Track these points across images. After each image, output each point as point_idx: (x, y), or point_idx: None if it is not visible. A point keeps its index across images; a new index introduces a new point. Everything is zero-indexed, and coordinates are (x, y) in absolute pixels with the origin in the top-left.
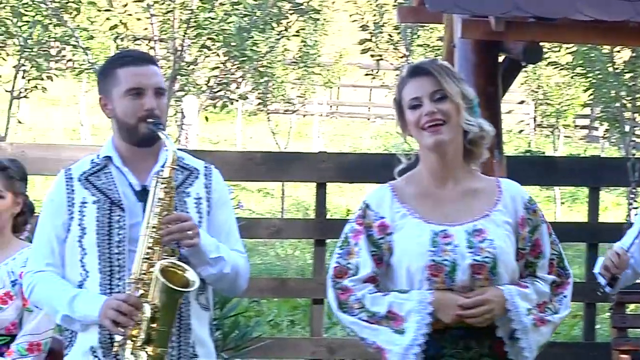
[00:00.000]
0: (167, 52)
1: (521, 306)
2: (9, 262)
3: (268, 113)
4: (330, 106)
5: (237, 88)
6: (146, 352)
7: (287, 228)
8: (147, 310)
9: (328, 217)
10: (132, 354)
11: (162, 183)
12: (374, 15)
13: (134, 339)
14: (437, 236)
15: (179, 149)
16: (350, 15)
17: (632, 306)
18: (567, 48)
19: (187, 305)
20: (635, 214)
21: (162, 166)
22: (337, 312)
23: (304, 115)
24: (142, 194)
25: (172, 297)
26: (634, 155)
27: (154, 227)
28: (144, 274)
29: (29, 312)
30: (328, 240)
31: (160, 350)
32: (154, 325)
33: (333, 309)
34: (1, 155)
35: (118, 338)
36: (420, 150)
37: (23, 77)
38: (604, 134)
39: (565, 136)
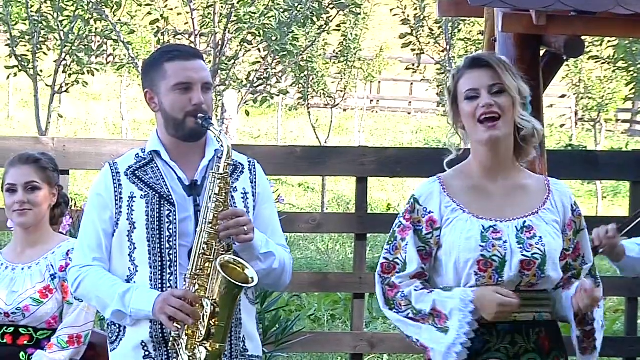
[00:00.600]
0: (208, 47)
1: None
2: (48, 256)
3: (308, 107)
4: (371, 100)
5: (277, 82)
6: (205, 347)
7: (328, 222)
8: (208, 306)
9: (369, 211)
10: (187, 349)
11: (217, 179)
12: (415, 9)
13: (191, 334)
14: (487, 231)
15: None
16: (391, 10)
17: None
18: (609, 42)
19: (238, 300)
20: None
21: (211, 161)
22: (384, 308)
23: (345, 110)
24: (192, 189)
25: (232, 292)
26: None
27: (210, 223)
28: (200, 269)
29: (69, 305)
30: (368, 235)
31: (219, 345)
32: (214, 320)
33: (380, 305)
34: (43, 150)
35: (174, 333)
36: (472, 144)
37: (64, 72)
38: None
39: (607, 130)
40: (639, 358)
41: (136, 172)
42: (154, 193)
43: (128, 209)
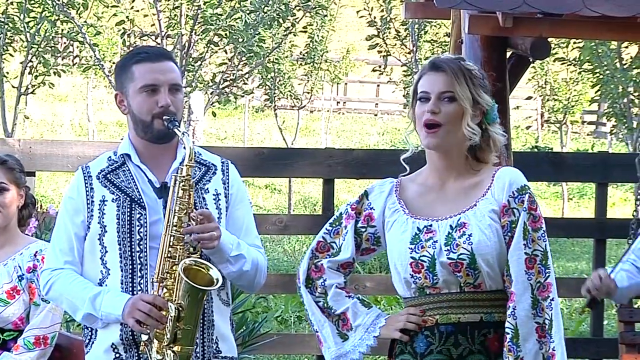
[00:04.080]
0: (174, 48)
1: None
2: (16, 257)
3: (275, 109)
4: (338, 102)
5: (244, 84)
6: (173, 351)
7: (295, 224)
8: (173, 310)
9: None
10: (158, 353)
11: (180, 182)
12: (382, 10)
13: (160, 338)
14: (421, 232)
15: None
16: (358, 12)
17: None
18: (575, 43)
19: (209, 301)
20: None
21: (181, 163)
22: (302, 284)
23: (311, 111)
24: (162, 191)
25: (196, 296)
26: None
27: (175, 226)
28: (168, 272)
29: (36, 306)
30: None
31: (186, 348)
32: (180, 324)
33: (299, 279)
34: (9, 151)
35: (144, 337)
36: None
37: (30, 73)
38: (612, 130)
39: (573, 132)
40: (604, 359)
41: (108, 175)
42: (125, 196)
43: (99, 213)
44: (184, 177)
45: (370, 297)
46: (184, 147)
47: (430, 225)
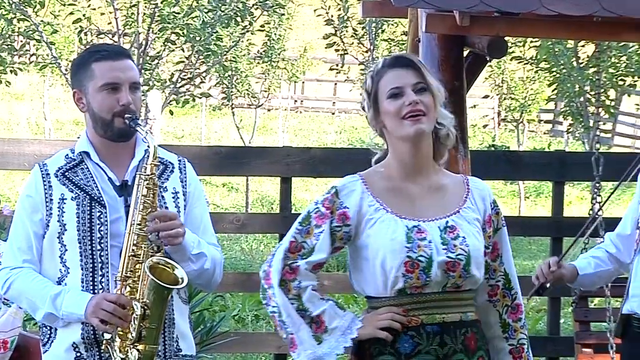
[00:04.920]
0: (132, 47)
1: None
2: None
3: (232, 107)
4: (295, 100)
5: (201, 82)
6: (137, 349)
7: (252, 222)
8: (138, 308)
9: (293, 211)
10: (120, 351)
11: (144, 180)
12: (339, 9)
13: (123, 336)
14: (412, 232)
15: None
16: (315, 10)
17: (595, 300)
18: (532, 42)
19: (170, 300)
20: None
21: (141, 162)
22: (277, 285)
23: (269, 110)
24: (122, 189)
25: (162, 294)
26: (598, 149)
27: (138, 224)
28: (131, 271)
29: None
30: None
31: (150, 347)
32: (145, 323)
33: (274, 281)
34: None
35: (106, 336)
36: (393, 143)
37: None
38: (568, 129)
39: (530, 131)
40: (561, 358)
41: (66, 173)
42: (84, 194)
43: (59, 211)
44: (148, 175)
45: (328, 295)
46: (148, 146)
47: (419, 226)
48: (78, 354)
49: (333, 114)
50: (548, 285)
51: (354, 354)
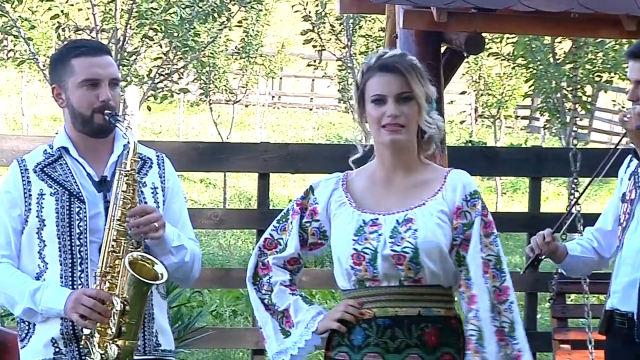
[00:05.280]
0: (109, 43)
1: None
2: None
3: (210, 103)
4: (273, 96)
5: (179, 78)
6: (117, 344)
7: (230, 218)
8: (118, 304)
9: (270, 207)
10: (99, 347)
11: (125, 176)
12: (316, 5)
13: (102, 332)
14: (366, 225)
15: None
16: (293, 6)
17: (572, 296)
18: (509, 39)
19: (149, 295)
20: None
21: (120, 157)
22: (248, 281)
23: (246, 106)
24: (101, 184)
25: (142, 290)
26: (575, 145)
27: (118, 220)
28: (110, 267)
29: None
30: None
31: (129, 342)
32: (125, 318)
33: (247, 276)
34: None
35: (86, 331)
36: (375, 143)
37: None
38: (545, 125)
39: (506, 126)
40: (538, 353)
41: (45, 168)
42: (63, 190)
43: (37, 206)
44: (128, 171)
45: (306, 291)
46: (128, 142)
47: (377, 219)
48: (57, 350)
49: (311, 110)
50: (543, 257)
51: (325, 346)
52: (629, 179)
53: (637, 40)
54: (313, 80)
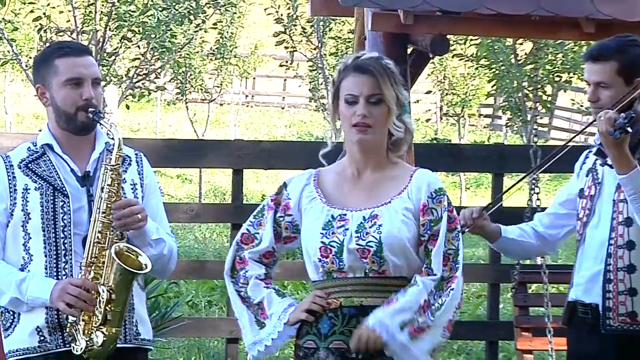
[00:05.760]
0: (90, 44)
1: (391, 326)
2: None
3: (186, 102)
4: (246, 96)
5: (156, 78)
6: (102, 332)
7: (205, 212)
8: (104, 292)
9: (244, 202)
10: (84, 334)
11: (110, 170)
12: (288, 8)
13: (88, 320)
14: (334, 220)
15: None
16: (265, 9)
17: (533, 286)
18: (472, 40)
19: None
20: None
21: (102, 154)
22: (226, 275)
23: (221, 105)
24: (85, 180)
25: (127, 279)
26: (535, 142)
27: (103, 213)
28: (95, 257)
29: None
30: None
31: (115, 330)
32: (110, 306)
33: (225, 269)
34: None
35: (71, 319)
36: (346, 140)
37: None
38: (507, 123)
39: (470, 125)
40: (500, 341)
41: (29, 165)
42: (47, 185)
43: (22, 200)
44: (113, 166)
45: (278, 282)
46: (112, 138)
47: (345, 214)
48: (42, 338)
49: (283, 108)
50: (466, 230)
51: (296, 335)
52: (587, 176)
53: (595, 42)
54: (285, 80)
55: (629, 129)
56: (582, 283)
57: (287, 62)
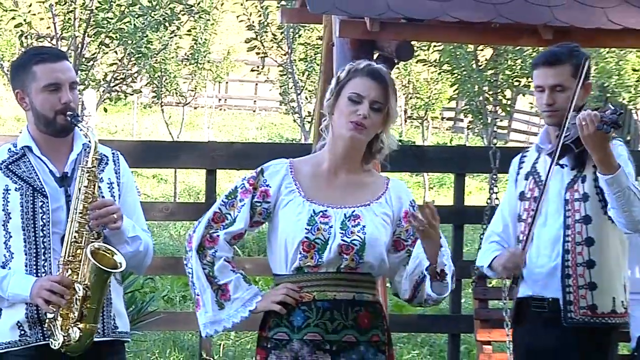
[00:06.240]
0: (69, 49)
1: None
2: None
3: (162, 105)
4: (219, 99)
5: (132, 82)
6: (78, 327)
7: (180, 211)
8: (80, 290)
9: None
10: (62, 330)
11: (86, 172)
12: (259, 16)
13: (65, 316)
14: (317, 215)
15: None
16: (238, 16)
17: (494, 281)
18: (435, 47)
19: (108, 282)
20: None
21: (79, 155)
22: (194, 250)
23: (195, 108)
24: (63, 180)
25: (102, 277)
26: (495, 144)
27: (80, 213)
28: (73, 256)
29: None
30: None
31: (90, 326)
32: (86, 303)
33: (193, 244)
34: None
35: (49, 315)
36: (332, 135)
37: None
38: (468, 125)
39: (434, 127)
40: (462, 334)
41: (10, 166)
42: (27, 186)
43: (3, 201)
44: (89, 167)
45: (249, 278)
46: (89, 141)
47: (326, 211)
48: (22, 332)
49: (254, 111)
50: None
51: (260, 327)
52: (526, 179)
53: (543, 50)
54: (256, 84)
55: (620, 123)
56: (540, 279)
57: (258, 67)
